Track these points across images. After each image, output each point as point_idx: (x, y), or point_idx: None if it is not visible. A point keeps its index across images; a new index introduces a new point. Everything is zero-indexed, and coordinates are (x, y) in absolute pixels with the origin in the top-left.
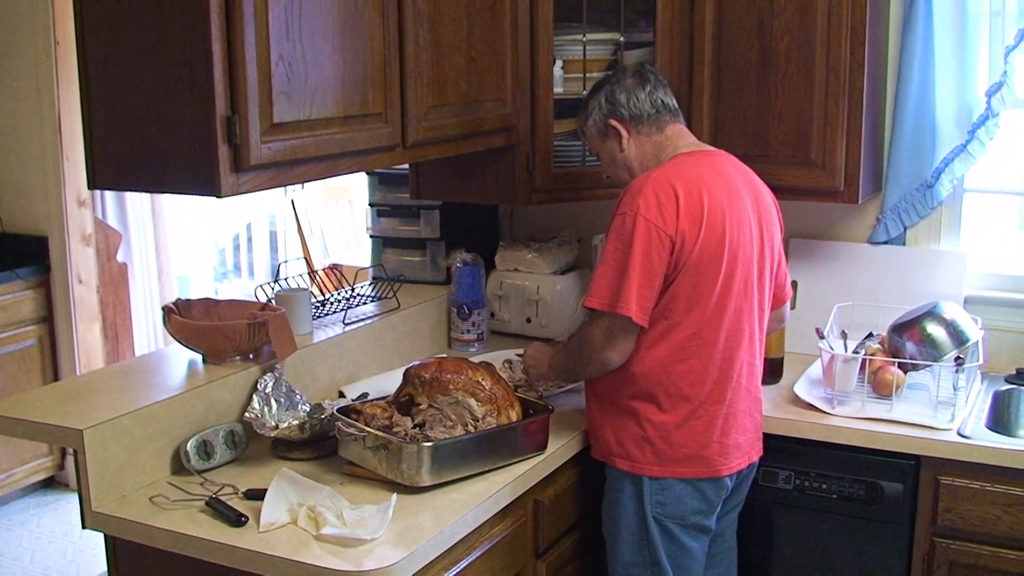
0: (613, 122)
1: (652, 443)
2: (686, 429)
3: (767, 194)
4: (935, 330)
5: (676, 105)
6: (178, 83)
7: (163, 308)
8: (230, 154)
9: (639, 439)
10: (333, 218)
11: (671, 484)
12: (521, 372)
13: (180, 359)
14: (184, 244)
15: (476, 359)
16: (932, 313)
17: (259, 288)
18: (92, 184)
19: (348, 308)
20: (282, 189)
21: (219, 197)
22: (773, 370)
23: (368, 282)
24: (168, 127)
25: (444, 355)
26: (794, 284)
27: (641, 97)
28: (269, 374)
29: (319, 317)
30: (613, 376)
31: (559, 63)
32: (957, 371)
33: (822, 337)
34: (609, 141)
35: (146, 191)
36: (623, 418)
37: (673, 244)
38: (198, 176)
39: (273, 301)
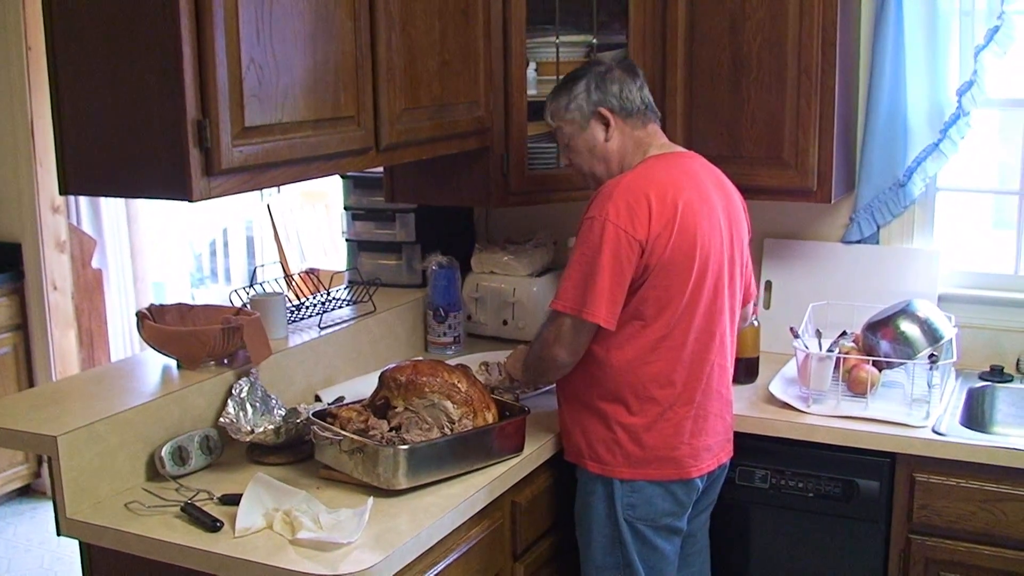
0: (603, 110)
1: (622, 445)
2: (655, 431)
3: (735, 195)
4: (909, 328)
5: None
6: (148, 87)
7: (137, 314)
8: (201, 158)
9: (609, 441)
10: (310, 222)
11: (642, 486)
12: (498, 374)
13: (155, 365)
14: (160, 250)
15: (452, 362)
16: (906, 311)
17: (234, 293)
18: (64, 190)
19: (323, 312)
20: (258, 194)
21: (191, 201)
22: (748, 370)
23: (344, 286)
24: (139, 131)
25: (420, 358)
26: (768, 284)
27: (633, 91)
28: (244, 379)
29: (294, 321)
30: (582, 377)
31: (532, 65)
32: (931, 369)
33: (797, 336)
34: (591, 130)
35: (118, 196)
36: (592, 420)
37: (642, 248)
38: (170, 180)
39: (248, 306)
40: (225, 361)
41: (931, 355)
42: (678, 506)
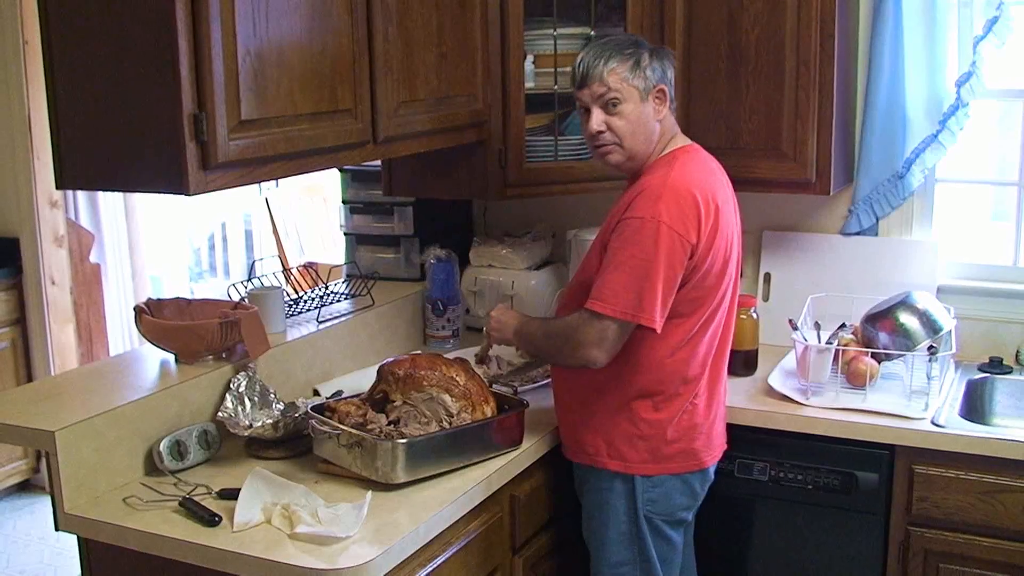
0: (665, 87)
1: (648, 440)
2: (677, 424)
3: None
4: (908, 320)
5: None
6: (145, 80)
7: (134, 308)
8: (198, 151)
9: (633, 438)
10: (308, 216)
11: (662, 480)
12: (496, 367)
13: (153, 359)
14: (158, 244)
15: (451, 355)
16: (905, 303)
17: (232, 287)
18: (60, 184)
19: (322, 306)
20: (256, 187)
21: (188, 195)
22: (747, 362)
23: (342, 280)
24: (135, 125)
25: (418, 352)
26: (767, 276)
27: (674, 76)
28: (242, 373)
29: (293, 315)
30: (604, 376)
31: (530, 58)
32: (930, 360)
33: (795, 328)
34: (649, 103)
35: (115, 190)
36: (616, 418)
37: (693, 251)
38: (166, 174)
39: (246, 300)
40: (223, 355)
41: (930, 347)
42: (694, 499)
